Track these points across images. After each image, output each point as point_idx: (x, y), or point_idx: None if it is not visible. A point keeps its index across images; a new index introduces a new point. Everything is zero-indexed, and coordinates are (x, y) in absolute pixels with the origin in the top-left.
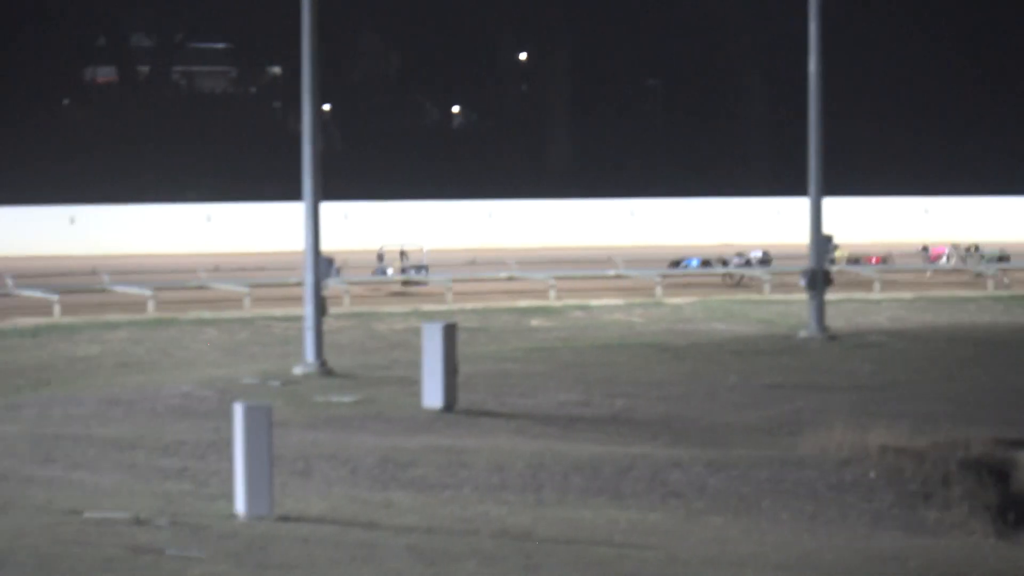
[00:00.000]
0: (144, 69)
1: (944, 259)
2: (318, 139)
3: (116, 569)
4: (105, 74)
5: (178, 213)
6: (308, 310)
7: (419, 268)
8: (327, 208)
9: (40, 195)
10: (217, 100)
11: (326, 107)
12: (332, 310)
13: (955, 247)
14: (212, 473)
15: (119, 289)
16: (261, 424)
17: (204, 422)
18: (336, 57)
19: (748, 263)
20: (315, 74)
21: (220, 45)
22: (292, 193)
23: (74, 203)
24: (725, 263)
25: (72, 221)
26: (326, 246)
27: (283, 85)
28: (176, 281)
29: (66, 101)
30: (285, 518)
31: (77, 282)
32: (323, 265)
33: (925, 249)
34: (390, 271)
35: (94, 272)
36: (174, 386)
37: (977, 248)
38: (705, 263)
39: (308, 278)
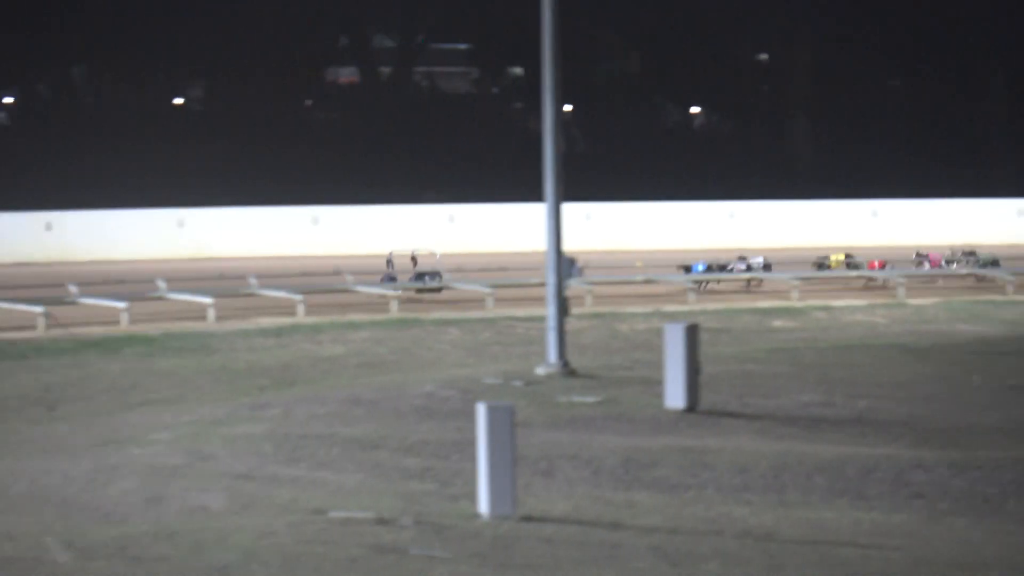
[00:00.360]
0: (386, 70)
1: (943, 264)
2: (559, 140)
3: (359, 569)
4: (347, 75)
5: (421, 214)
6: (550, 310)
7: (432, 275)
8: (569, 209)
9: (284, 196)
10: (458, 101)
11: (567, 108)
12: (574, 310)
13: (952, 252)
14: (455, 473)
15: (362, 289)
16: (504, 424)
17: (447, 422)
18: (577, 58)
19: (749, 268)
20: (556, 75)
21: (462, 46)
22: (534, 194)
23: (317, 203)
24: (724, 268)
25: (315, 221)
26: (568, 246)
27: (524, 86)
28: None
29: (308, 102)
30: (528, 518)
31: (320, 282)
32: (565, 265)
33: (921, 255)
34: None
35: (336, 272)
36: (417, 386)
37: (973, 253)
38: (710, 268)
39: (550, 278)
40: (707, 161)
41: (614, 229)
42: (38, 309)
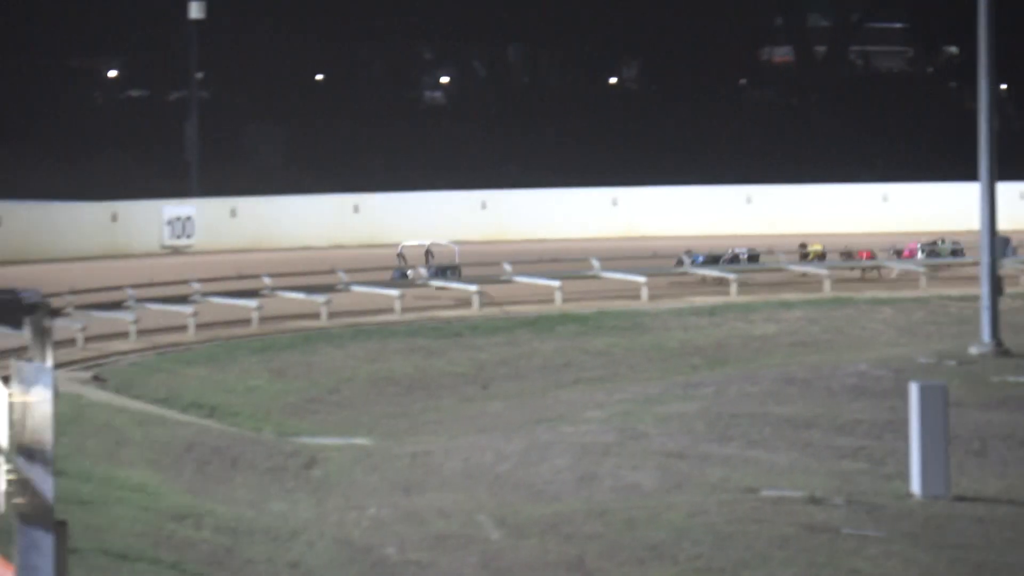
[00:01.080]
0: (821, 49)
1: (919, 255)
2: (994, 118)
3: (791, 547)
4: (782, 54)
5: (853, 193)
6: (984, 290)
7: (453, 269)
8: (1002, 188)
9: (718, 174)
10: (893, 80)
11: (1003, 86)
12: (1008, 290)
13: (922, 244)
14: (888, 452)
15: (795, 268)
16: (937, 403)
17: (879, 401)
18: (1013, 35)
19: (735, 260)
20: (992, 53)
21: (897, 25)
22: (967, 172)
23: (750, 183)
24: (717, 260)
25: (748, 200)
26: (1002, 226)
27: (960, 64)
28: (853, 261)
29: (743, 81)
30: (961, 498)
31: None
32: (999, 245)
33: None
34: (412, 273)
35: (771, 251)
36: (849, 365)
37: (943, 242)
38: (708, 260)
39: (984, 258)
40: None
41: None
42: (472, 288)
